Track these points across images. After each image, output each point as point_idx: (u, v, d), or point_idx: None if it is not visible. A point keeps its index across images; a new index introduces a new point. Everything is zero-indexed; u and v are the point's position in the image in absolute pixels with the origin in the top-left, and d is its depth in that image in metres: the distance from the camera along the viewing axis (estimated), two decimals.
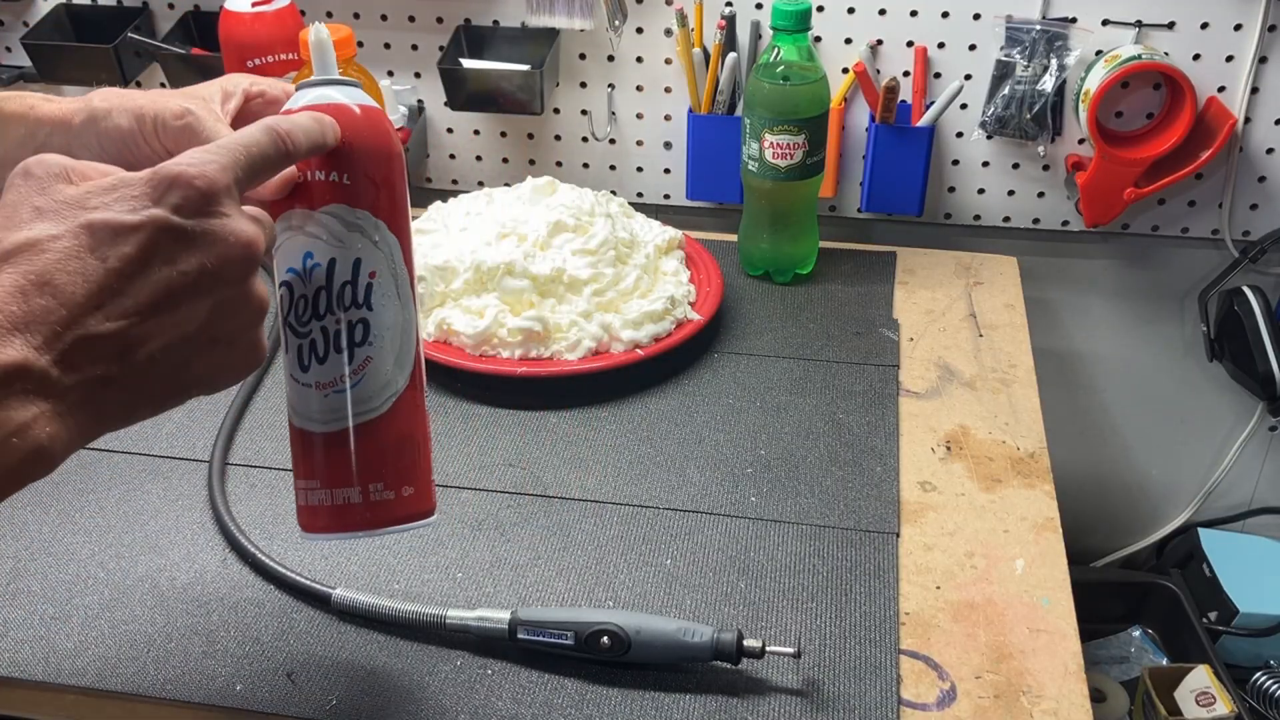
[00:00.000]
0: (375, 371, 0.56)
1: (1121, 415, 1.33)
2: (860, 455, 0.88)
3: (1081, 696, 0.69)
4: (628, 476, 0.86)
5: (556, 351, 0.94)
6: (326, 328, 0.55)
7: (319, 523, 0.58)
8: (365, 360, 0.56)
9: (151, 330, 0.46)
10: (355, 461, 0.57)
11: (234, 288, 0.49)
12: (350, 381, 0.56)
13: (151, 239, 0.45)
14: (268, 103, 0.62)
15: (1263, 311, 1.15)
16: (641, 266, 0.99)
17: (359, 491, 0.57)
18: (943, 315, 1.07)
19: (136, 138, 0.58)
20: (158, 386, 0.48)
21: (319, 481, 0.58)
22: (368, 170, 0.56)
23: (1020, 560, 0.79)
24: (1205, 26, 1.08)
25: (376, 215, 0.56)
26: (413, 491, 0.59)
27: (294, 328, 0.56)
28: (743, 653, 0.68)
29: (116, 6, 1.25)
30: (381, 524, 0.58)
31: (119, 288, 0.45)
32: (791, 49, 1.01)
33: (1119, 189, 1.11)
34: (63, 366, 0.43)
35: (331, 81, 0.57)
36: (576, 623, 0.69)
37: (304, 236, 0.55)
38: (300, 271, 0.56)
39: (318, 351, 0.56)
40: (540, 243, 0.97)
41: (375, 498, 0.57)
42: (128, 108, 0.59)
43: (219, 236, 0.47)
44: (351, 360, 0.56)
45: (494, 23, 1.19)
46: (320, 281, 0.55)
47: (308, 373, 0.56)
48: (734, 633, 0.68)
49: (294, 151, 0.52)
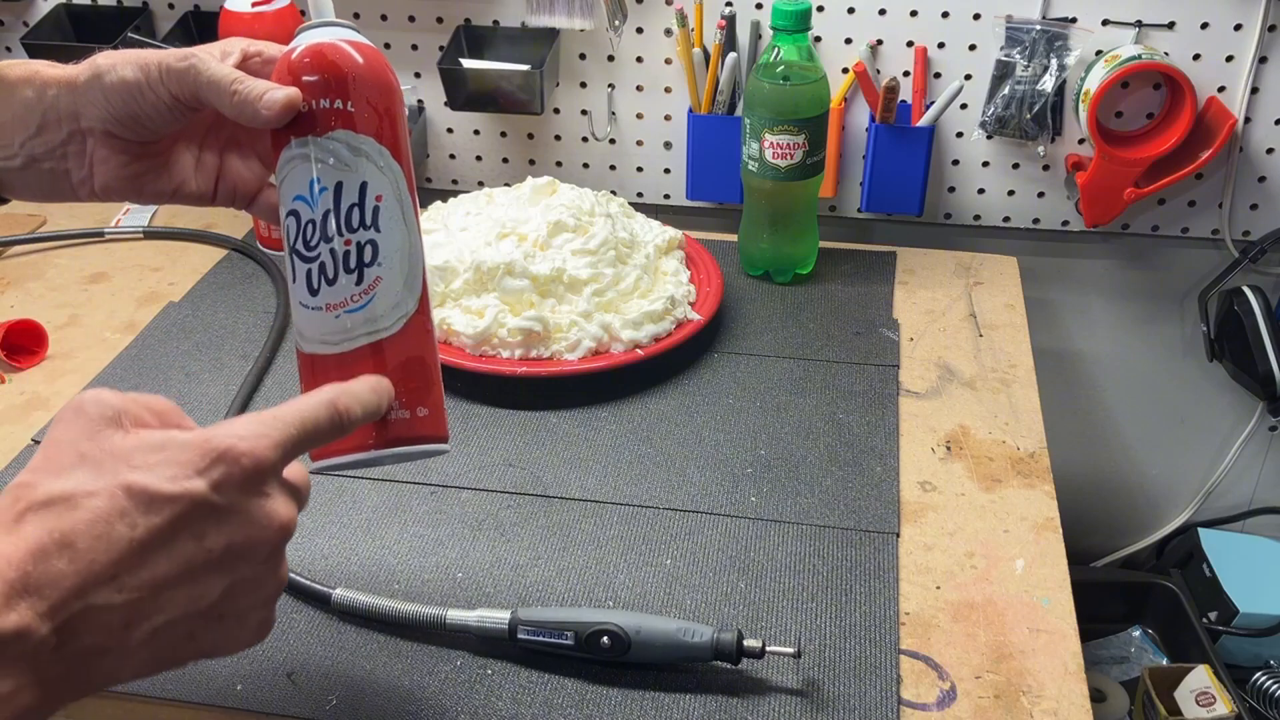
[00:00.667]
0: (386, 291, 0.57)
1: (1121, 415, 1.33)
2: (860, 455, 0.88)
3: (1081, 696, 0.69)
4: (628, 476, 0.86)
5: (556, 351, 0.94)
6: (335, 249, 0.56)
7: (334, 447, 0.57)
8: (375, 280, 0.56)
9: (162, 605, 0.45)
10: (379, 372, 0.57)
11: (257, 567, 0.48)
12: (362, 300, 0.56)
13: (185, 513, 0.45)
14: (265, 61, 0.62)
15: (1263, 311, 1.15)
16: (641, 266, 0.99)
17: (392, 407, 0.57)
18: (943, 315, 1.07)
19: (142, 87, 0.59)
20: (154, 658, 0.46)
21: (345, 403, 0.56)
22: (370, 99, 0.57)
23: (1020, 560, 0.79)
24: (1205, 26, 1.08)
25: (380, 142, 0.57)
26: (427, 413, 0.58)
27: (301, 253, 0.57)
28: (743, 653, 0.68)
29: (116, 6, 1.25)
30: (398, 442, 0.57)
31: (140, 559, 0.44)
32: (791, 49, 1.01)
33: (1119, 189, 1.11)
34: (60, 634, 0.42)
35: (329, 23, 0.59)
36: (576, 623, 0.68)
37: (310, 163, 0.56)
38: (308, 197, 0.56)
39: (327, 273, 0.56)
40: (540, 243, 0.97)
41: (391, 416, 0.57)
42: (131, 60, 0.60)
43: (254, 518, 0.47)
44: (361, 280, 0.56)
45: (494, 23, 1.19)
46: (328, 205, 0.56)
47: (318, 295, 0.56)
48: (734, 633, 0.68)
49: (349, 426, 0.52)
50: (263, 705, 0.68)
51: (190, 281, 1.11)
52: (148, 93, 0.59)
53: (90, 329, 1.04)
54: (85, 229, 1.20)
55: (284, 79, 0.58)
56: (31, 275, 1.13)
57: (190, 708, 0.68)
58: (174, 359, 0.99)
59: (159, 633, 0.45)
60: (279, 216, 0.60)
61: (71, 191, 0.63)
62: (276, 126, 0.57)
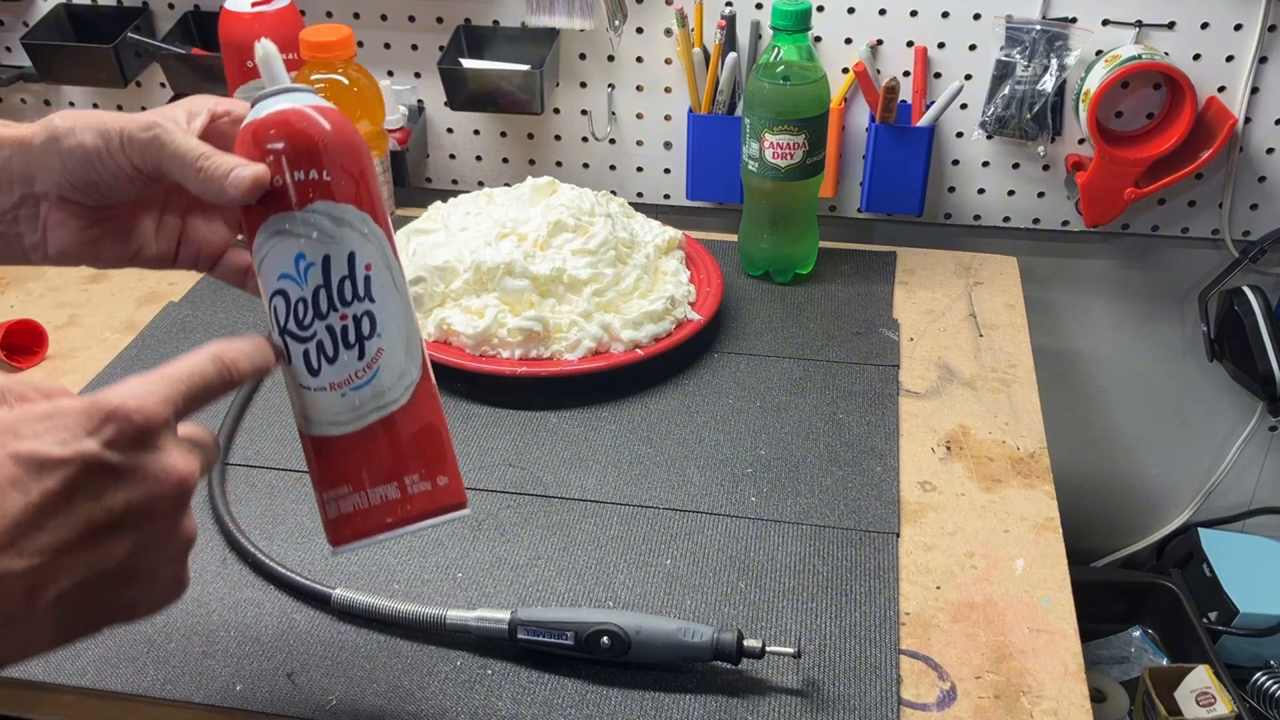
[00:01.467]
0: (389, 362, 0.55)
1: (1121, 415, 1.33)
2: (860, 455, 0.88)
3: (1081, 696, 0.69)
4: (628, 476, 0.86)
5: (556, 351, 0.94)
6: (332, 326, 0.54)
7: (355, 529, 0.56)
8: (378, 351, 0.55)
9: (65, 567, 0.44)
10: (386, 456, 0.55)
11: (161, 523, 0.47)
12: (367, 375, 0.55)
13: (79, 473, 0.44)
14: (234, 121, 0.60)
15: (1263, 311, 1.15)
16: (641, 266, 0.99)
17: (395, 486, 0.55)
18: (943, 315, 1.07)
19: (102, 154, 0.56)
20: (65, 624, 0.45)
21: (348, 486, 0.56)
22: (344, 165, 0.55)
23: (1020, 560, 0.79)
24: (1205, 26, 1.08)
25: (360, 208, 0.55)
26: (447, 481, 0.57)
27: (295, 334, 0.55)
28: (743, 653, 0.68)
29: (116, 6, 1.25)
30: (423, 516, 0.56)
31: (37, 523, 0.43)
32: (791, 49, 1.01)
33: (1119, 189, 1.11)
34: None
35: (286, 90, 0.56)
36: (577, 623, 0.68)
37: (293, 239, 0.54)
38: (294, 275, 0.54)
39: (326, 352, 0.54)
40: (540, 243, 0.97)
41: (413, 490, 0.56)
42: (91, 125, 0.56)
43: (151, 473, 0.46)
44: (364, 354, 0.55)
45: (494, 23, 1.19)
46: (318, 280, 0.54)
47: (319, 375, 0.55)
48: (734, 633, 0.68)
49: (238, 379, 0.52)
50: (263, 705, 0.68)
51: (190, 281, 1.11)
52: (108, 161, 0.56)
53: (90, 329, 1.04)
54: None
55: (249, 152, 0.54)
56: (31, 275, 1.13)
57: (190, 708, 0.68)
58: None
59: (66, 597, 0.45)
60: (245, 282, 0.59)
61: (23, 255, 0.60)
62: (245, 204, 0.55)
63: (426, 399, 0.57)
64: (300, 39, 1.00)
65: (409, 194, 1.24)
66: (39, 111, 1.34)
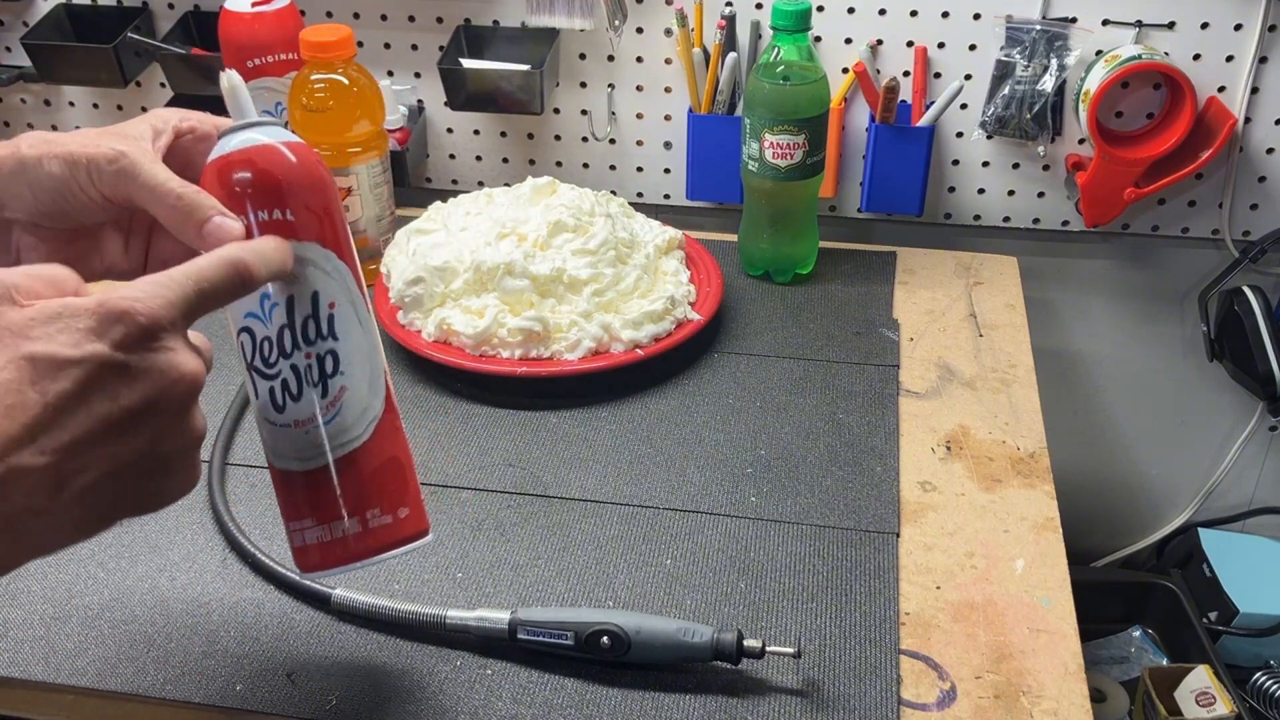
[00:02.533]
0: (352, 400, 0.56)
1: (1121, 415, 1.33)
2: (860, 455, 0.88)
3: (1081, 696, 0.69)
4: (628, 476, 0.86)
5: (556, 351, 0.94)
6: (296, 365, 0.55)
7: (319, 560, 0.58)
8: (340, 390, 0.56)
9: (87, 463, 0.46)
10: (348, 491, 0.57)
11: (173, 417, 0.49)
12: (330, 413, 0.56)
13: (92, 374, 0.45)
14: (198, 139, 0.60)
15: (1263, 311, 1.15)
16: (641, 266, 0.99)
17: (356, 520, 0.57)
18: (943, 315, 1.07)
19: (71, 185, 0.57)
20: (88, 515, 0.47)
21: (312, 520, 0.57)
22: (308, 203, 0.55)
23: (1020, 560, 0.79)
24: (1205, 26, 1.08)
25: (324, 246, 0.56)
26: (408, 513, 0.59)
27: (261, 371, 0.56)
28: (743, 653, 0.68)
29: (116, 6, 1.25)
30: (383, 549, 0.58)
31: (56, 421, 0.44)
32: (791, 49, 1.01)
33: (1119, 189, 1.11)
34: None
35: (253, 124, 0.56)
36: (576, 623, 0.68)
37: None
38: (260, 314, 0.55)
39: (290, 390, 0.55)
40: (540, 243, 0.97)
41: (373, 524, 0.58)
42: (57, 154, 0.56)
43: (160, 370, 0.47)
44: (326, 392, 0.56)
45: (494, 23, 1.19)
46: (282, 320, 0.55)
47: (284, 413, 0.56)
48: (734, 633, 0.68)
49: (252, 282, 0.52)
50: (263, 705, 0.68)
51: None
52: (78, 192, 0.57)
53: None
54: None
55: (215, 189, 0.55)
56: None
57: (190, 708, 0.68)
58: None
59: (89, 490, 0.46)
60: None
61: None
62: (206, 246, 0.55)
63: (389, 433, 0.58)
64: (300, 39, 1.00)
65: (409, 194, 1.24)
66: (39, 111, 1.34)
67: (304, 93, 1.01)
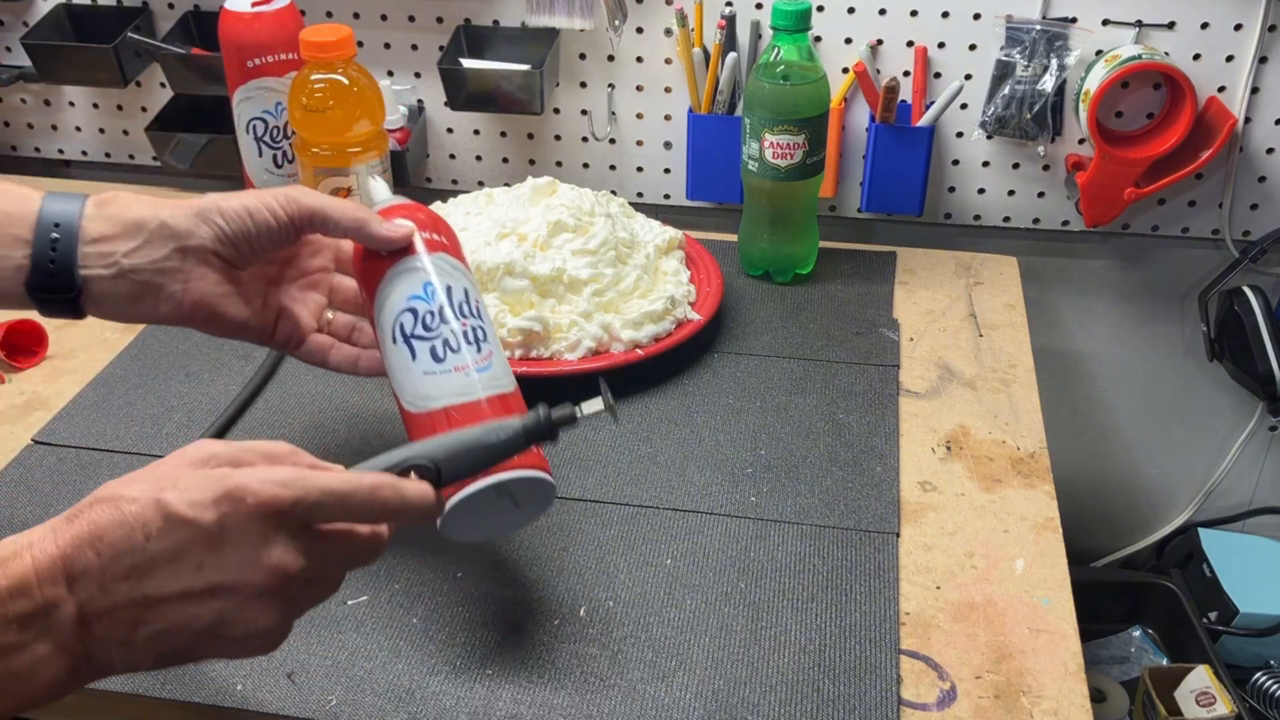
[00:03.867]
0: (496, 363, 0.69)
1: (1121, 415, 1.33)
2: (860, 455, 0.88)
3: (1081, 696, 0.69)
4: (628, 476, 0.86)
5: (556, 351, 0.94)
6: (454, 329, 0.69)
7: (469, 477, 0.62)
8: (489, 352, 0.69)
9: (163, 615, 0.51)
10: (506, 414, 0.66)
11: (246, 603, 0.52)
12: (484, 364, 0.68)
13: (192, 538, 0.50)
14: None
15: (1263, 311, 1.15)
16: (642, 266, 0.99)
17: None
18: (943, 315, 1.07)
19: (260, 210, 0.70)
20: (160, 656, 0.52)
21: None
22: (450, 237, 0.75)
23: (1020, 560, 0.79)
24: (1205, 26, 1.08)
25: (466, 267, 0.74)
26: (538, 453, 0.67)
27: (422, 335, 0.69)
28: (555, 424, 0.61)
29: (116, 6, 1.25)
30: (529, 467, 0.65)
31: (149, 571, 0.50)
32: (791, 49, 1.01)
33: (1119, 189, 1.11)
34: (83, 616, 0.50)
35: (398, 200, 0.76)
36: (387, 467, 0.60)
37: (422, 272, 0.70)
38: (423, 295, 0.70)
39: (451, 345, 0.68)
40: (540, 243, 0.97)
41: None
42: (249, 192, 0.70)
43: (247, 558, 0.51)
44: (480, 350, 0.69)
45: (494, 23, 1.19)
46: (442, 299, 0.70)
47: (444, 362, 0.68)
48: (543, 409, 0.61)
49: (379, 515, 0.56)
50: (263, 705, 0.68)
51: None
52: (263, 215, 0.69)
53: (90, 329, 1.04)
54: None
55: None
56: None
57: (190, 708, 0.68)
58: (174, 359, 0.99)
59: (161, 637, 0.51)
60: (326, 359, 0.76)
61: (155, 305, 0.68)
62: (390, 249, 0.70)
63: (519, 399, 0.70)
64: (300, 39, 1.00)
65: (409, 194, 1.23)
66: (39, 111, 1.34)
67: (304, 93, 1.01)
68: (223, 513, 0.51)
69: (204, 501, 0.51)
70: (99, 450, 0.89)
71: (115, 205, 0.67)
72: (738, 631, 0.73)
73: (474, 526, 0.66)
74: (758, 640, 0.72)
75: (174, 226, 0.67)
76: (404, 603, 0.75)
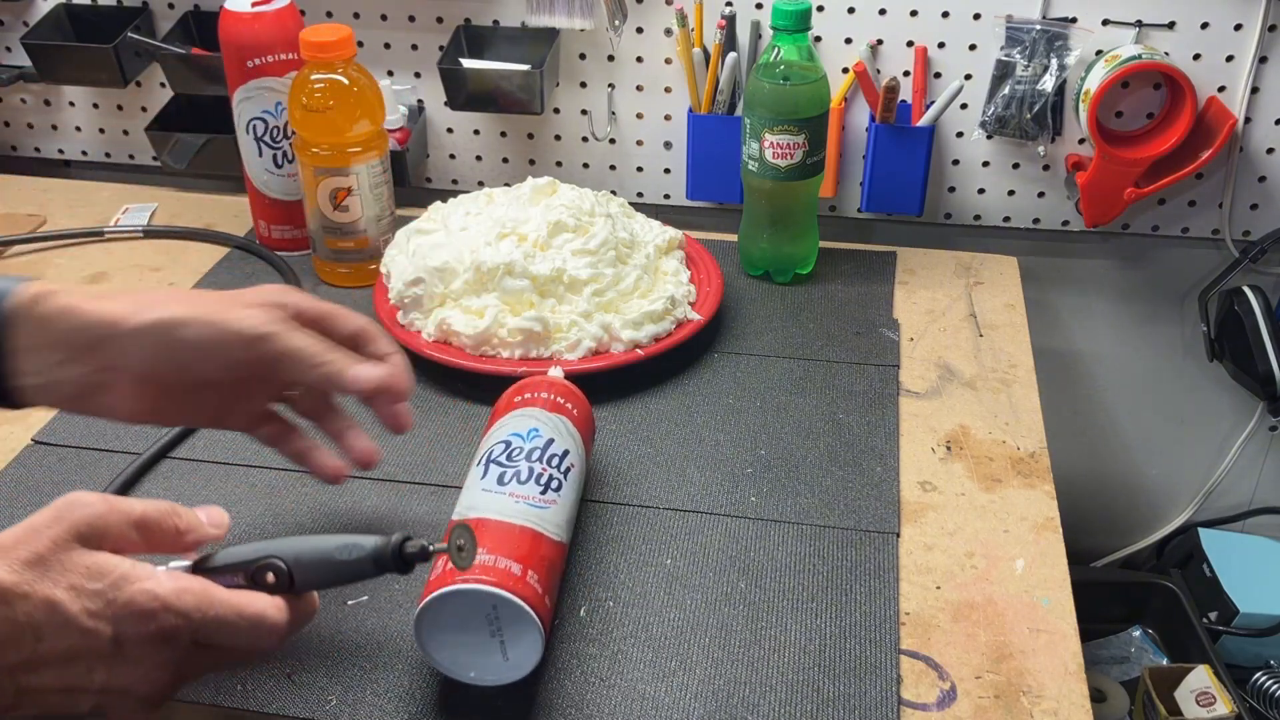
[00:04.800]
0: (556, 512, 0.71)
1: (1121, 415, 1.33)
2: (860, 455, 0.88)
3: (1081, 696, 0.69)
4: (628, 476, 0.86)
5: (556, 351, 0.94)
6: (532, 468, 0.72)
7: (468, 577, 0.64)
8: (552, 500, 0.71)
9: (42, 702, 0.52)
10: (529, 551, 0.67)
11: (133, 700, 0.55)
12: (539, 504, 0.70)
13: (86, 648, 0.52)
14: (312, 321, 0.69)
15: (1263, 311, 1.15)
16: (642, 267, 0.99)
17: (521, 568, 0.65)
18: (943, 315, 1.07)
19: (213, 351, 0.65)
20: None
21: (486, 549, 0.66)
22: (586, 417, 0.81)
23: (1020, 560, 0.79)
24: (1205, 26, 1.08)
25: (584, 443, 0.78)
26: (548, 606, 0.67)
27: (500, 461, 0.72)
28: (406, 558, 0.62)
29: (116, 6, 1.25)
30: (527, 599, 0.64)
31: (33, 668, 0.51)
32: (791, 49, 1.01)
33: (1119, 189, 1.11)
34: None
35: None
36: (244, 562, 0.63)
37: (532, 420, 0.76)
38: (522, 435, 0.74)
39: (520, 477, 0.71)
40: (540, 243, 0.97)
41: (530, 581, 0.65)
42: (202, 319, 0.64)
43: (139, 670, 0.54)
44: (545, 492, 0.71)
45: (494, 23, 1.19)
46: (537, 444, 0.74)
47: (505, 486, 0.70)
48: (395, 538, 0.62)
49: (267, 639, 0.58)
50: (262, 705, 0.68)
51: (190, 281, 1.11)
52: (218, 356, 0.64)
53: None
54: (85, 229, 1.20)
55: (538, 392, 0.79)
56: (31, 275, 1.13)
57: (190, 707, 0.68)
58: None
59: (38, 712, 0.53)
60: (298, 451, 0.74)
61: (93, 409, 0.66)
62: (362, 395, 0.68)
63: (563, 560, 0.72)
64: (300, 39, 1.00)
65: (409, 194, 1.24)
66: (39, 111, 1.34)
67: (304, 93, 1.01)
68: (121, 631, 0.52)
69: (103, 614, 0.52)
70: (99, 450, 0.89)
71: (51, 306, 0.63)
72: (738, 631, 0.73)
73: (451, 645, 0.65)
74: (758, 640, 0.72)
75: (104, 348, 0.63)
76: (404, 603, 0.75)
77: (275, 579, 0.63)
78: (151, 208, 1.24)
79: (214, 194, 1.28)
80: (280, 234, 1.15)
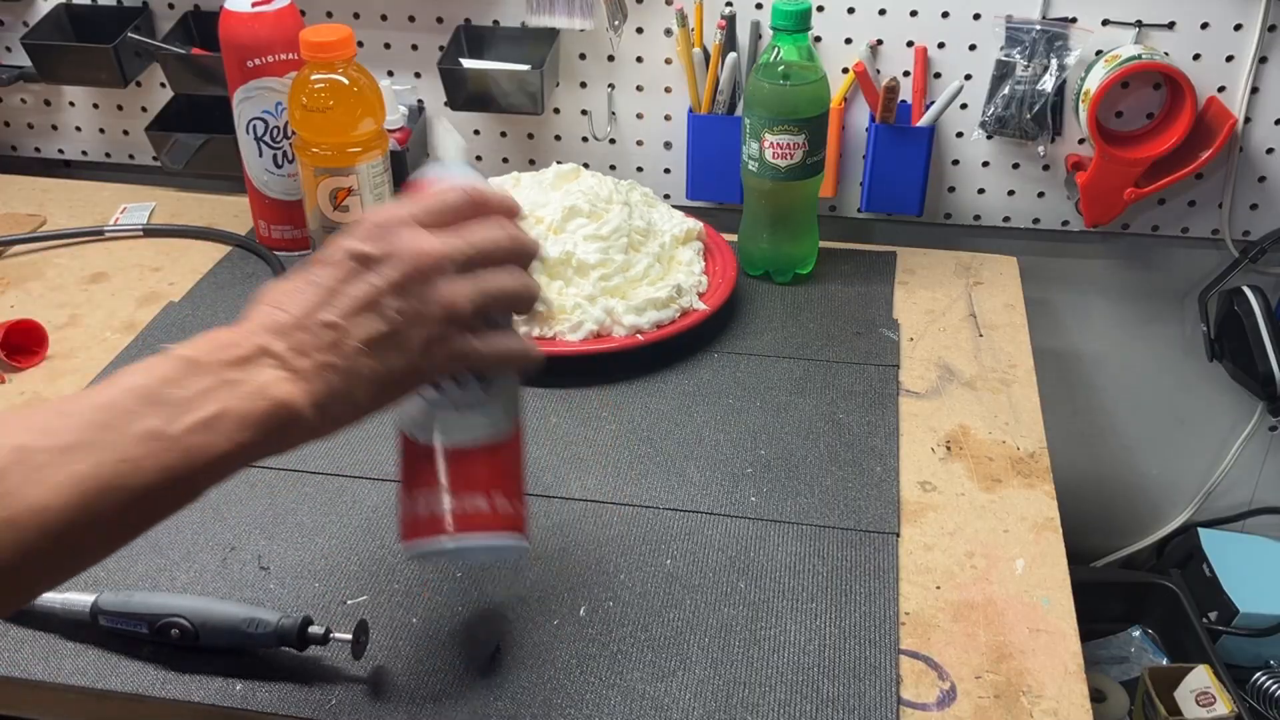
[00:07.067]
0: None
1: (1121, 415, 1.33)
2: (860, 455, 0.88)
3: (1081, 696, 0.69)
4: (628, 476, 0.86)
5: (559, 332, 0.95)
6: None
7: (427, 529, 0.63)
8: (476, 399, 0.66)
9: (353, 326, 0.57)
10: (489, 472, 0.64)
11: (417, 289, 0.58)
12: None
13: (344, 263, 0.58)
14: None
15: (1263, 311, 1.15)
16: (654, 255, 1.00)
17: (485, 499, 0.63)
18: (943, 315, 1.07)
19: None
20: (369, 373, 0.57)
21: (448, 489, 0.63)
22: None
23: (1020, 560, 0.79)
24: (1205, 26, 1.08)
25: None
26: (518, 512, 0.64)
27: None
28: (307, 639, 0.68)
29: (116, 6, 1.25)
30: (502, 528, 0.63)
31: (326, 300, 0.57)
32: (791, 49, 1.01)
33: (1119, 189, 1.11)
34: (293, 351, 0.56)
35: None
36: (149, 614, 0.69)
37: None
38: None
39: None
40: (554, 226, 0.98)
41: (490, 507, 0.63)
42: None
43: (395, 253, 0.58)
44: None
45: (494, 23, 1.19)
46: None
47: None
48: (298, 619, 0.68)
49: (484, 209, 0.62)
50: (263, 705, 0.68)
51: (190, 281, 1.11)
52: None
53: (90, 329, 1.04)
54: (85, 228, 1.20)
55: None
56: (31, 275, 1.13)
57: (190, 707, 0.68)
58: None
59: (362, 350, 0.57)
60: None
61: None
62: None
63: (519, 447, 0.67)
64: (300, 39, 1.00)
65: None
66: (39, 111, 1.34)
67: (304, 93, 1.01)
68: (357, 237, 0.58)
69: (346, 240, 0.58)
70: None
71: None
72: (738, 631, 0.73)
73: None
74: (758, 640, 0.72)
75: None
76: (404, 603, 0.75)
77: (181, 634, 0.68)
78: (149, 207, 1.24)
79: (214, 194, 1.28)
80: (280, 234, 1.15)
